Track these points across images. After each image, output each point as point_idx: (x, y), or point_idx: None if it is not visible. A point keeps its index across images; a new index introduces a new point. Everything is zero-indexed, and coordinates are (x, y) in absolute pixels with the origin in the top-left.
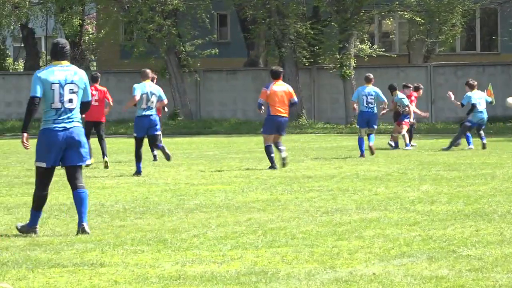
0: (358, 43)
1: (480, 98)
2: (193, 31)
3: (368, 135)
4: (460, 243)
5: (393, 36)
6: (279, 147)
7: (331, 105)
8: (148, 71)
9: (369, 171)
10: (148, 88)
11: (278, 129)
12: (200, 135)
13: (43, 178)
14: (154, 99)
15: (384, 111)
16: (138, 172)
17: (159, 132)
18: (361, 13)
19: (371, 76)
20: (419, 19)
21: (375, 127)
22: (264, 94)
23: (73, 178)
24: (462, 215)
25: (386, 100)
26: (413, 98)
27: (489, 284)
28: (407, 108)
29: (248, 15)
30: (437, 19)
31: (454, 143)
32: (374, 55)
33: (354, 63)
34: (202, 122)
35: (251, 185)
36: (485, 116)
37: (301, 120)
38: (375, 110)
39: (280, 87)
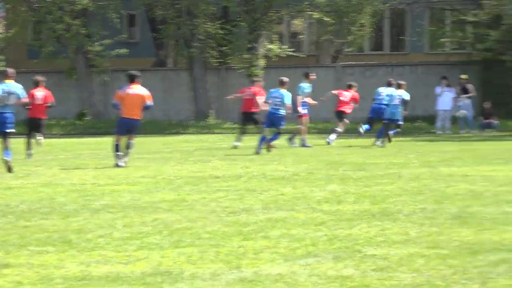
0: (267, 43)
1: (387, 94)
2: (102, 31)
3: (275, 134)
4: (366, 242)
5: (302, 36)
6: (128, 148)
7: (239, 105)
8: (11, 71)
9: (277, 171)
10: (6, 88)
11: (129, 131)
12: (108, 135)
13: None
14: (12, 98)
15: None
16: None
17: (10, 130)
18: (271, 13)
19: (284, 79)
20: (328, 19)
21: (280, 127)
22: (118, 96)
23: None
24: (368, 214)
25: (290, 105)
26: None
27: (393, 284)
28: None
29: (157, 15)
30: (346, 20)
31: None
32: (283, 55)
33: (263, 63)
34: (109, 122)
35: (157, 185)
36: (396, 110)
37: (209, 120)
38: (281, 112)
39: (135, 90)
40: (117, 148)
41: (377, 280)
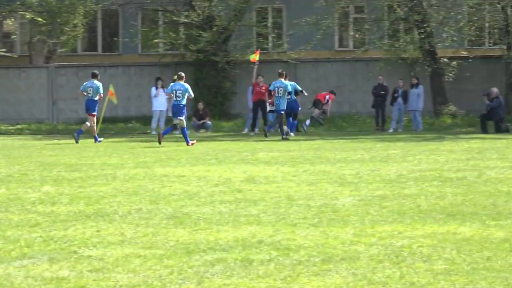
0: None
1: (278, 87)
2: None
3: (170, 126)
4: (82, 243)
5: (14, 36)
6: None
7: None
8: None
9: None
10: None
11: None
12: None
13: None
14: None
15: None
16: None
17: None
18: None
19: (183, 74)
20: (40, 20)
21: (180, 118)
22: None
23: None
24: (83, 215)
25: (192, 94)
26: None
27: (110, 284)
28: None
29: None
30: (59, 20)
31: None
32: None
33: None
34: None
35: None
36: (279, 101)
37: None
38: (183, 102)
39: None
40: None
41: (93, 281)
